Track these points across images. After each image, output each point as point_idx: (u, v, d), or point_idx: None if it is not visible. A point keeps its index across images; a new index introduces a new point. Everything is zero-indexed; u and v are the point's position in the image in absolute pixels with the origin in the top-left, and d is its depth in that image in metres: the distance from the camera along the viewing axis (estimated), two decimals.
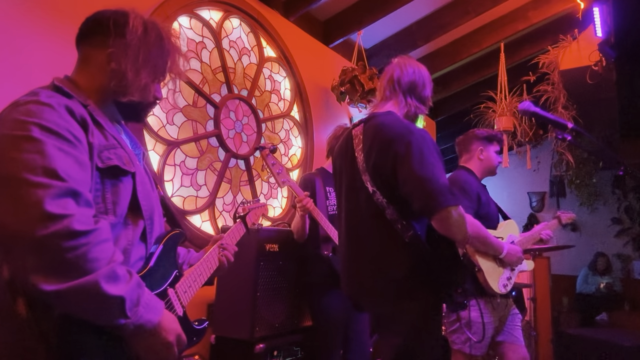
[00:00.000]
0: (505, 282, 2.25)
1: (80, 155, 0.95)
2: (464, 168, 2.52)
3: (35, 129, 0.90)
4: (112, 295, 0.87)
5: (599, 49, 3.30)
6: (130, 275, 0.93)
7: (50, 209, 0.83)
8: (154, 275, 1.10)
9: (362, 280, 1.64)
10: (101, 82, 1.10)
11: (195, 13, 3.11)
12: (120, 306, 0.88)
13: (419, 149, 1.49)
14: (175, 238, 1.21)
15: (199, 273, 1.28)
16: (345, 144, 1.78)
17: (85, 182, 0.95)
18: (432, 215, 1.46)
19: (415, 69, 1.77)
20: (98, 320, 0.90)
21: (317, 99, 4.04)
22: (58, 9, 2.26)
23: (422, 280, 1.51)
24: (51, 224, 0.83)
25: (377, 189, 1.57)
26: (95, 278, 0.85)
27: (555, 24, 4.40)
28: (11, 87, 2.01)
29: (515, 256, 2.25)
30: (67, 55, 2.17)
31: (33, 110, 0.92)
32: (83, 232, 0.86)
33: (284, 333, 2.42)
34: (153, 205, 1.16)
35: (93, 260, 0.86)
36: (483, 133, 2.55)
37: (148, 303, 0.95)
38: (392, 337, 1.57)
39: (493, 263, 2.22)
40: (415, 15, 4.24)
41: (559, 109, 4.15)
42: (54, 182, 0.86)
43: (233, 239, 1.51)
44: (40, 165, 0.87)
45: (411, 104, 1.73)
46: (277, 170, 2.24)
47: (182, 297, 1.17)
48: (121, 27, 1.09)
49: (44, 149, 0.88)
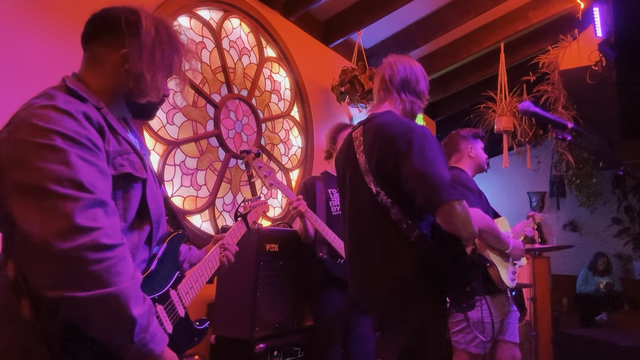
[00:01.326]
0: (512, 277, 2.30)
1: (102, 164, 0.95)
2: (456, 169, 2.53)
3: (57, 138, 0.89)
4: (128, 313, 0.86)
5: (599, 49, 3.30)
6: (144, 300, 0.93)
7: (80, 221, 0.84)
8: (157, 276, 1.10)
9: (367, 281, 1.63)
10: (114, 83, 1.08)
11: (195, 13, 3.11)
12: (131, 328, 0.88)
13: (420, 145, 1.49)
14: (177, 239, 1.21)
15: (201, 274, 1.28)
16: (346, 147, 1.78)
17: (108, 190, 0.95)
18: (435, 210, 1.45)
19: (406, 65, 1.77)
20: (104, 336, 0.89)
21: (317, 99, 4.04)
22: (58, 9, 2.26)
23: (429, 280, 1.51)
24: (79, 237, 0.83)
25: (380, 189, 1.57)
26: (118, 290, 0.85)
27: (555, 24, 4.40)
28: (11, 87, 2.01)
29: (519, 250, 2.31)
30: (67, 55, 2.17)
31: (53, 118, 0.91)
32: (110, 245, 0.86)
33: (284, 333, 2.42)
34: (160, 208, 1.16)
35: (117, 274, 0.86)
36: (467, 132, 2.57)
37: (155, 332, 0.94)
38: (397, 337, 1.56)
39: (500, 258, 2.26)
40: (415, 15, 4.24)
41: (559, 109, 4.15)
42: (82, 195, 0.86)
43: (234, 238, 1.52)
44: (67, 176, 0.86)
45: (406, 99, 1.73)
46: (264, 173, 2.22)
47: (184, 298, 1.17)
48: (134, 26, 1.07)
49: (69, 159, 0.88)
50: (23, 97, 1.00)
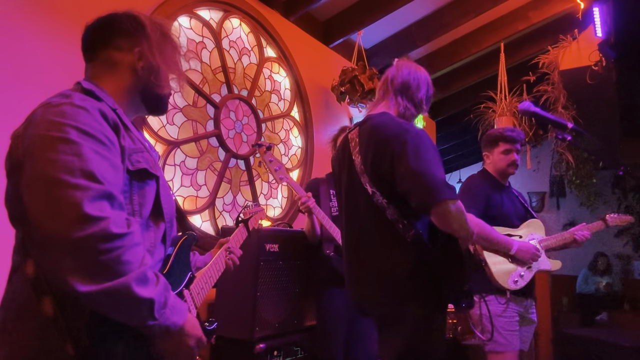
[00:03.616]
0: (516, 278, 2.26)
1: (114, 159, 0.96)
2: (483, 171, 2.59)
3: (72, 131, 0.90)
4: (142, 297, 0.88)
5: (599, 49, 3.30)
6: (157, 278, 0.95)
7: (89, 210, 0.84)
8: (172, 276, 1.11)
9: (365, 282, 1.64)
10: (131, 82, 1.13)
11: (195, 13, 3.11)
12: (150, 308, 0.90)
13: (415, 146, 1.49)
14: (189, 241, 1.23)
15: (210, 275, 1.31)
16: (342, 149, 1.79)
17: (118, 185, 0.96)
18: (429, 210, 1.45)
19: (411, 70, 1.76)
20: (128, 320, 0.91)
21: (317, 99, 4.04)
22: (60, 11, 2.26)
23: (425, 280, 1.51)
24: (88, 226, 0.83)
25: (376, 190, 1.57)
26: (127, 280, 0.86)
27: (555, 24, 4.40)
28: (14, 89, 2.01)
29: (529, 253, 2.27)
30: (69, 56, 2.18)
31: (68, 112, 0.93)
32: (119, 234, 0.87)
33: (284, 333, 2.42)
34: (172, 208, 1.18)
35: (126, 263, 0.87)
36: (487, 136, 2.57)
37: (174, 305, 0.97)
38: (395, 338, 1.56)
39: (504, 259, 2.26)
40: (415, 16, 4.24)
41: (559, 109, 4.14)
42: (92, 185, 0.87)
43: (237, 242, 1.55)
44: (78, 167, 0.87)
45: (401, 103, 1.72)
46: (275, 167, 2.24)
47: (195, 298, 1.20)
48: (141, 27, 1.14)
49: (81, 151, 0.89)
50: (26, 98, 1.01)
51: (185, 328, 0.99)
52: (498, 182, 2.51)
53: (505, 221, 2.38)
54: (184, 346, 1.00)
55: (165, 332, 0.95)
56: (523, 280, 2.28)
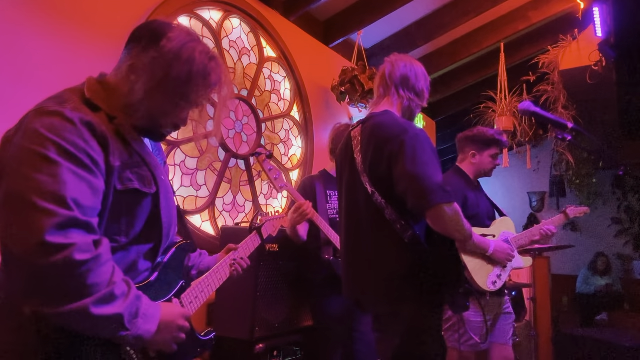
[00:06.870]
0: (494, 279, 2.24)
1: (94, 180, 0.94)
2: (456, 169, 2.53)
3: (53, 149, 0.89)
4: (106, 315, 0.88)
5: (599, 49, 3.30)
6: (129, 289, 0.94)
7: (50, 239, 0.83)
8: (159, 284, 1.10)
9: (361, 280, 1.64)
10: (122, 88, 1.07)
11: (195, 13, 3.10)
12: (119, 321, 0.90)
13: (412, 148, 1.49)
14: (183, 249, 1.22)
15: (208, 284, 1.29)
16: (345, 146, 1.79)
17: (95, 209, 0.94)
18: (424, 213, 1.46)
19: (407, 62, 1.77)
20: (100, 335, 0.92)
21: (317, 99, 4.04)
22: (60, 10, 2.26)
23: (421, 281, 1.51)
24: (50, 255, 0.83)
25: (375, 190, 1.57)
26: (86, 304, 0.86)
27: (555, 24, 4.40)
28: (14, 88, 2.01)
29: (504, 253, 2.23)
30: (70, 55, 2.17)
31: (56, 126, 0.91)
32: (83, 261, 0.86)
33: (284, 333, 2.42)
34: (172, 218, 1.16)
35: (89, 287, 0.87)
36: (480, 137, 2.49)
37: (146, 313, 0.96)
38: (391, 337, 1.57)
39: (481, 260, 2.22)
40: (415, 16, 4.23)
41: (559, 109, 4.14)
42: (60, 211, 0.86)
43: (247, 251, 1.52)
44: (51, 190, 0.86)
45: (404, 96, 1.72)
46: (274, 175, 2.23)
47: (187, 307, 1.17)
48: (156, 38, 1.04)
49: (58, 172, 0.88)
50: (26, 98, 1.00)
51: (159, 335, 0.99)
52: (472, 182, 2.50)
53: (479, 221, 2.36)
54: (161, 341, 1.01)
55: (139, 340, 0.95)
56: (500, 280, 2.27)
